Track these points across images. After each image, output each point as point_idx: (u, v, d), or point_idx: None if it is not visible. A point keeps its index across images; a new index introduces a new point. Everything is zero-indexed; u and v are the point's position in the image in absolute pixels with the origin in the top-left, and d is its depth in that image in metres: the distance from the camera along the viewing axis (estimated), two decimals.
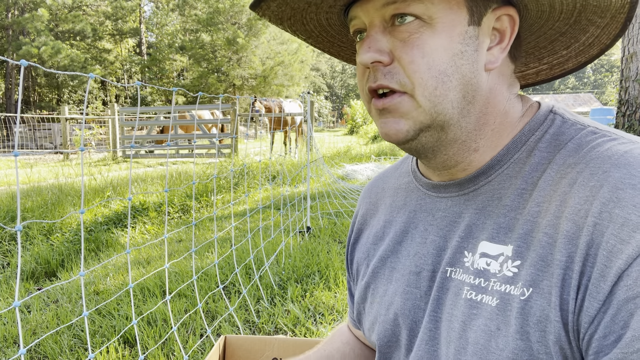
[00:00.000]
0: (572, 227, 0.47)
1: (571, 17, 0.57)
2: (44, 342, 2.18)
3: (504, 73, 0.58)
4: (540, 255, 0.49)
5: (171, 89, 1.66)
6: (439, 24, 0.52)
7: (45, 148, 16.53)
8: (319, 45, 0.69)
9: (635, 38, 5.44)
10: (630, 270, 0.42)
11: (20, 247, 3.39)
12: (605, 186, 0.46)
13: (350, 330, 0.88)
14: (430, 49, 0.52)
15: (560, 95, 35.28)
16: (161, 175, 6.62)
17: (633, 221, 0.43)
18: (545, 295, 0.47)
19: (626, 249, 0.42)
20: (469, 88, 0.54)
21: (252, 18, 24.77)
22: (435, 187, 0.64)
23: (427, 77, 0.52)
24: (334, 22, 0.63)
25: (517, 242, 0.52)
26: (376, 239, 0.73)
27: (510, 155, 0.57)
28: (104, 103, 30.41)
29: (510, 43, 0.56)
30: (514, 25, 0.55)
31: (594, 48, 0.61)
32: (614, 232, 0.44)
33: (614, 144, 0.50)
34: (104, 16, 28.26)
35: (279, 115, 9.23)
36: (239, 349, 1.25)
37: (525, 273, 0.50)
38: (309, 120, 4.30)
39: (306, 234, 3.86)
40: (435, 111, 0.54)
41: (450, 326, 0.56)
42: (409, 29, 0.52)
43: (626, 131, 5.76)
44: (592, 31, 0.58)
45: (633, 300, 0.42)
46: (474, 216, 0.57)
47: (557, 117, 0.57)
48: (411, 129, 0.55)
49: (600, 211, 0.45)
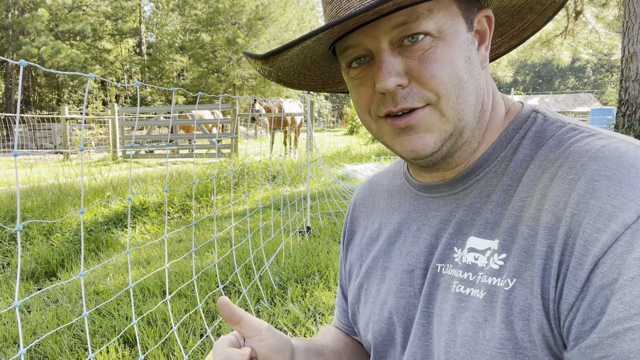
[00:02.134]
0: (551, 219, 0.49)
1: (516, 10, 0.61)
2: (44, 342, 2.18)
3: (487, 70, 0.62)
4: (523, 247, 0.51)
5: (171, 89, 1.66)
6: (447, 35, 0.53)
7: (45, 148, 16.53)
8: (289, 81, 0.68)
9: (635, 38, 5.43)
10: (605, 257, 0.43)
11: (20, 247, 3.39)
12: (582, 178, 0.48)
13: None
14: (447, 60, 0.53)
15: (560, 95, 35.28)
16: (161, 175, 6.62)
17: (608, 211, 0.44)
18: (528, 285, 0.49)
19: (601, 237, 0.44)
20: (479, 90, 0.57)
21: (252, 18, 24.78)
22: (426, 188, 0.66)
23: (450, 87, 0.53)
24: (315, 59, 0.63)
25: (502, 235, 0.53)
26: (370, 240, 0.74)
27: (497, 153, 0.59)
28: (104, 103, 30.42)
29: (490, 41, 0.60)
30: (491, 24, 0.59)
31: (527, 32, 0.67)
32: (590, 221, 0.45)
33: (592, 139, 0.52)
34: (104, 16, 28.26)
35: (278, 115, 9.23)
36: None
37: (510, 265, 0.51)
38: (309, 120, 4.30)
39: (306, 234, 3.86)
40: (458, 118, 0.55)
41: (440, 320, 0.57)
42: (422, 47, 0.53)
43: (626, 131, 5.76)
44: (529, 17, 0.63)
45: (608, 287, 0.43)
46: (464, 213, 0.59)
47: (539, 116, 0.60)
48: (438, 141, 0.56)
49: (577, 202, 0.47)
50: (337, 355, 0.78)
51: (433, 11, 0.52)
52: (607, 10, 8.17)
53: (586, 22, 8.64)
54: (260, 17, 24.92)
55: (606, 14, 8.24)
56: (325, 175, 6.26)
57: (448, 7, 0.54)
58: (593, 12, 8.40)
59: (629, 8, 5.53)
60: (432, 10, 0.52)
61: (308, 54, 0.59)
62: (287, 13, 26.97)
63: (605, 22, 8.42)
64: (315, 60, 0.63)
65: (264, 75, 0.65)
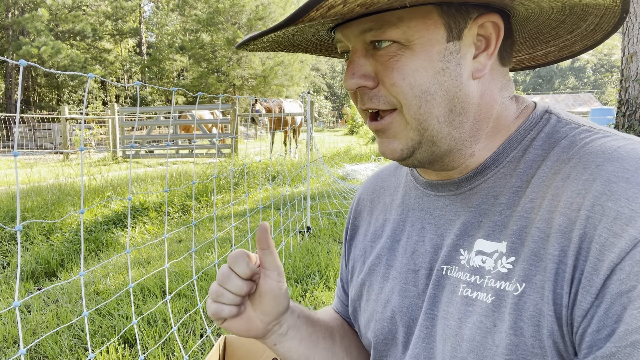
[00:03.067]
0: (564, 221, 0.47)
1: (564, 13, 0.58)
2: (44, 342, 2.18)
3: (495, 77, 0.58)
4: (533, 250, 0.49)
5: (171, 89, 1.66)
6: (416, 45, 0.52)
7: (45, 148, 16.53)
8: (315, 52, 0.71)
9: (635, 38, 5.43)
10: (623, 264, 0.42)
11: (20, 247, 3.39)
12: (598, 180, 0.46)
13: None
14: (410, 70, 0.53)
15: (560, 95, 35.28)
16: (161, 175, 6.61)
17: (626, 214, 0.43)
18: (539, 289, 0.48)
19: (619, 242, 0.42)
20: (455, 101, 0.55)
21: (252, 18, 24.78)
22: (432, 186, 0.65)
23: (410, 97, 0.54)
24: (322, 37, 0.65)
25: (511, 238, 0.52)
26: (374, 237, 0.74)
27: (506, 154, 0.57)
28: (104, 103, 30.41)
29: (497, 49, 0.56)
30: (499, 31, 0.55)
31: (597, 33, 0.61)
32: (606, 225, 0.44)
33: (607, 140, 0.50)
34: (104, 16, 28.25)
35: (279, 115, 9.23)
36: (239, 350, 1.25)
37: (519, 269, 0.50)
38: (309, 120, 4.30)
39: (306, 234, 3.86)
40: (422, 127, 0.55)
41: (446, 324, 0.56)
42: (388, 53, 0.54)
43: (626, 131, 5.76)
44: (591, 20, 0.59)
45: (626, 294, 0.41)
46: (470, 215, 0.58)
47: (553, 117, 0.58)
48: (405, 148, 0.57)
49: (592, 204, 0.45)
50: (329, 332, 0.77)
51: (403, 19, 0.52)
52: None
53: None
54: (260, 17, 24.93)
55: None
56: (325, 175, 6.26)
57: (425, 15, 0.52)
58: None
59: None
60: (403, 18, 0.52)
61: (306, 34, 0.61)
62: (287, 13, 26.96)
63: None
64: (321, 38, 0.65)
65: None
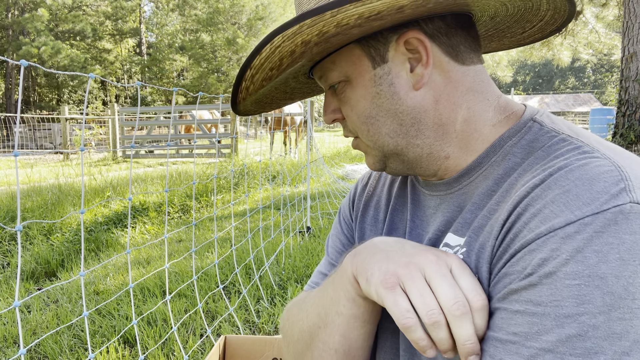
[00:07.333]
0: (505, 216, 0.52)
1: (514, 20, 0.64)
2: (44, 342, 2.18)
3: (452, 79, 0.59)
4: (482, 244, 0.54)
5: (171, 89, 1.66)
6: (353, 79, 0.61)
7: (45, 148, 16.54)
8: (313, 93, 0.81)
9: (635, 38, 5.43)
10: (520, 253, 0.47)
11: (20, 247, 3.39)
12: (541, 185, 0.49)
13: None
14: (354, 102, 0.62)
15: (560, 95, 35.28)
16: (161, 175, 6.62)
17: (544, 214, 0.47)
18: (484, 280, 0.53)
19: (526, 235, 0.47)
20: (401, 116, 0.60)
21: (252, 18, 24.79)
22: (428, 185, 0.68)
23: (359, 124, 0.63)
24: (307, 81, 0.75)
25: (469, 233, 0.57)
26: (374, 220, 0.77)
27: (489, 158, 0.60)
28: (104, 103, 30.41)
29: (431, 58, 0.58)
30: (425, 42, 0.57)
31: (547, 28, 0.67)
32: (525, 219, 0.48)
33: (573, 153, 0.51)
34: (104, 16, 28.26)
35: (279, 115, 9.23)
36: (239, 349, 1.25)
37: (469, 260, 0.55)
38: (309, 120, 4.30)
39: (306, 234, 3.86)
40: (378, 146, 0.64)
41: None
42: (340, 91, 0.63)
43: (626, 131, 5.76)
44: (548, 15, 0.63)
45: (502, 280, 0.49)
46: (450, 213, 0.63)
47: (536, 125, 0.59)
48: (376, 162, 0.66)
49: (526, 204, 0.49)
50: None
51: (336, 62, 0.61)
52: (607, 10, 8.17)
53: (586, 22, 8.64)
54: (260, 17, 24.94)
55: (606, 14, 8.24)
56: (325, 175, 6.26)
57: (349, 53, 0.60)
58: (593, 12, 8.40)
59: (629, 8, 5.53)
60: (335, 61, 0.61)
61: (291, 85, 0.72)
62: (287, 13, 26.97)
63: (605, 22, 8.42)
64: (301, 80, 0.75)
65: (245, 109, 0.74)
